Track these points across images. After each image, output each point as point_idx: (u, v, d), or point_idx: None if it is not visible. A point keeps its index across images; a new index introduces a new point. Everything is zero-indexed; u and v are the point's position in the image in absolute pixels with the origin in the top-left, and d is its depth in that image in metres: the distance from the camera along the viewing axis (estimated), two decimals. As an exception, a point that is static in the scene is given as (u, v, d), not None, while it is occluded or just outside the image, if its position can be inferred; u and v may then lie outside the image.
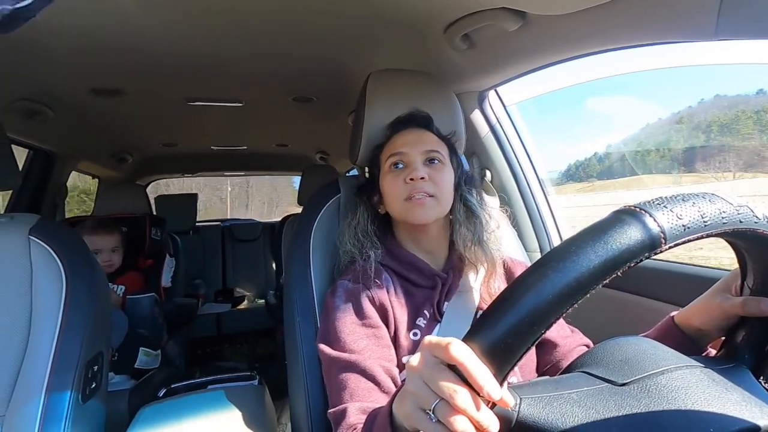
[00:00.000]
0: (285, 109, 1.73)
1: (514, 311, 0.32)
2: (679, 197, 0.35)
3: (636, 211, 0.34)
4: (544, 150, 1.44)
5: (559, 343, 0.73)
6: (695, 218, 0.34)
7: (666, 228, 0.33)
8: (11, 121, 1.41)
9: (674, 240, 0.33)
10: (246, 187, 14.61)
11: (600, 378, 0.41)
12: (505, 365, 0.33)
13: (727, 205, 0.35)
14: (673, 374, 0.39)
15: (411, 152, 0.73)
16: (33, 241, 0.80)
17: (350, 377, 0.62)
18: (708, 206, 0.34)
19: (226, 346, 2.84)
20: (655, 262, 1.00)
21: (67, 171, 2.08)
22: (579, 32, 0.82)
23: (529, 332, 0.32)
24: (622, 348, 0.43)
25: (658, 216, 0.33)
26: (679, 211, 0.34)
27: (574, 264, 0.32)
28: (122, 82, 1.30)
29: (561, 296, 0.32)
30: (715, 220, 0.34)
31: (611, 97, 9.37)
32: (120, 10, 0.84)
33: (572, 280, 0.32)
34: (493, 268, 0.74)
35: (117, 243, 1.65)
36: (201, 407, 0.86)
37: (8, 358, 0.75)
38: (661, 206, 0.34)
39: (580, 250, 0.32)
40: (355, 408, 0.59)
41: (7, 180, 0.83)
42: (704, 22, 0.62)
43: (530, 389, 0.40)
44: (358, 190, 0.83)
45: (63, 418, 0.74)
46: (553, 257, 0.33)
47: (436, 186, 0.71)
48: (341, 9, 0.88)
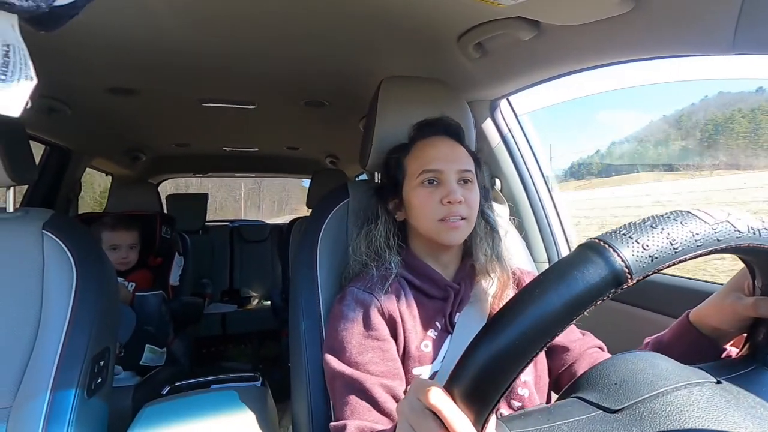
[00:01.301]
0: (297, 113, 1.75)
1: (485, 357, 0.32)
2: (648, 223, 0.33)
3: (599, 246, 0.32)
4: (545, 150, 1.42)
5: (570, 346, 0.72)
6: (663, 246, 0.32)
7: (630, 262, 0.31)
8: (30, 117, 1.44)
9: (641, 273, 0.31)
10: (258, 188, 15.18)
11: (593, 404, 0.40)
12: (484, 409, 0.33)
13: (701, 225, 0.33)
14: (668, 397, 0.38)
15: (446, 170, 0.71)
16: (46, 235, 0.81)
17: (351, 395, 0.62)
18: (677, 230, 0.32)
19: (231, 346, 2.85)
20: (664, 277, 0.98)
21: (82, 167, 2.12)
22: (593, 43, 0.82)
23: (501, 377, 0.32)
24: (619, 368, 0.43)
25: (623, 250, 0.31)
26: (645, 241, 0.32)
27: (538, 309, 0.32)
28: (139, 82, 1.33)
29: (528, 340, 0.31)
30: (686, 244, 0.32)
31: (614, 98, 9.39)
32: (145, 11, 0.85)
33: (539, 324, 0.31)
34: (507, 281, 0.74)
35: (135, 240, 1.67)
36: (204, 406, 0.86)
37: (17, 350, 0.76)
38: (626, 237, 0.32)
39: (544, 293, 0.32)
40: (354, 426, 0.60)
41: (24, 174, 0.85)
42: (722, 36, 0.62)
43: (522, 422, 0.39)
44: (378, 194, 0.81)
45: (68, 411, 0.75)
46: (519, 300, 0.33)
47: (469, 208, 0.71)
48: (356, 15, 0.89)
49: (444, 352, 0.68)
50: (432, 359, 0.68)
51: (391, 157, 0.80)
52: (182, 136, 2.29)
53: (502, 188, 1.33)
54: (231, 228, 3.20)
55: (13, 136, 0.82)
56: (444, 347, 0.69)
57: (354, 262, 0.77)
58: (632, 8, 0.68)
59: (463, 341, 0.68)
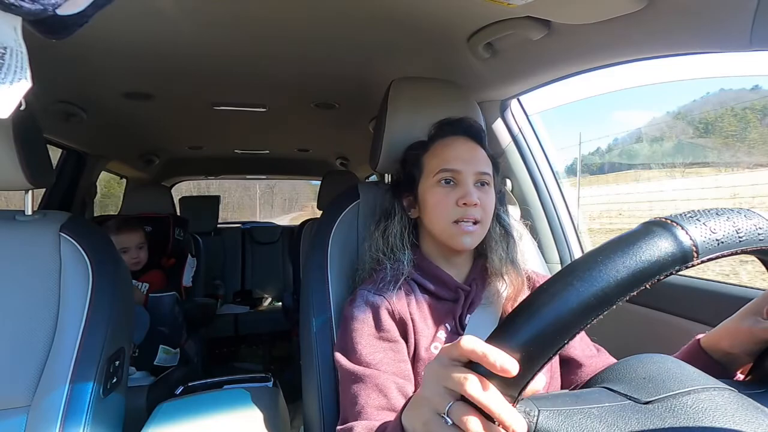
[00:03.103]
0: (307, 115, 1.76)
1: (538, 319, 0.32)
2: (713, 211, 0.34)
3: (667, 223, 0.33)
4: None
5: (584, 362, 0.71)
6: (730, 233, 0.33)
7: (699, 241, 0.32)
8: (48, 122, 1.47)
9: (707, 254, 0.32)
10: (271, 190, 16.50)
11: (622, 395, 0.39)
12: (525, 374, 0.32)
13: (764, 222, 0.34)
14: (700, 395, 0.37)
15: (464, 171, 0.70)
16: (63, 237, 0.83)
17: (362, 394, 0.62)
18: (744, 222, 0.33)
19: (243, 347, 2.87)
20: (682, 279, 0.97)
21: (97, 171, 2.16)
22: (605, 42, 0.81)
23: (551, 342, 0.31)
24: (645, 365, 0.42)
25: (691, 229, 0.32)
26: (713, 225, 0.33)
27: (601, 274, 0.31)
28: (153, 86, 1.35)
29: (586, 307, 0.31)
30: (752, 236, 0.33)
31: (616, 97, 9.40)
32: (160, 16, 0.87)
33: (598, 291, 0.31)
34: (522, 285, 0.73)
35: (142, 239, 1.69)
36: (216, 406, 0.87)
37: (35, 350, 0.78)
38: (694, 219, 0.33)
39: (608, 260, 0.32)
40: (362, 427, 0.59)
41: (42, 178, 0.87)
42: (738, 32, 0.60)
43: (549, 401, 0.38)
44: (394, 190, 0.80)
45: (85, 410, 0.76)
46: (579, 266, 0.32)
47: (484, 211, 0.70)
48: (366, 17, 0.90)
49: None
50: None
51: (409, 153, 0.80)
52: (195, 139, 2.32)
53: (513, 189, 1.32)
54: (243, 230, 3.23)
55: (31, 141, 0.84)
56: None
57: (370, 258, 0.77)
58: (645, 5, 0.67)
59: None
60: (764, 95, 2.88)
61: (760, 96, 3.91)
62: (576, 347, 0.72)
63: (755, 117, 3.69)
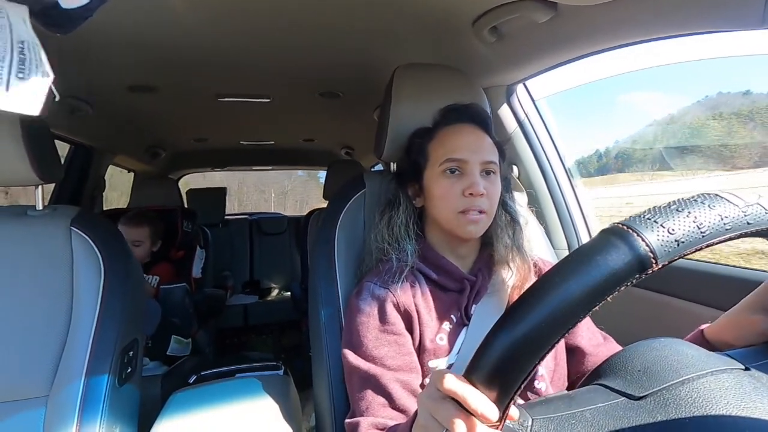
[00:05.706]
0: (312, 105, 1.75)
1: (505, 344, 0.32)
2: (674, 206, 0.32)
3: (623, 231, 0.31)
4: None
5: (590, 351, 0.71)
6: (690, 230, 0.31)
7: (656, 246, 0.30)
8: (54, 117, 1.48)
9: (667, 257, 0.30)
10: (284, 194, 18.63)
11: (616, 391, 0.39)
12: (504, 396, 0.33)
13: (730, 208, 0.32)
14: (695, 383, 0.37)
15: (471, 160, 0.69)
16: (74, 231, 0.84)
17: (367, 389, 0.63)
18: (705, 214, 0.31)
19: (253, 337, 2.91)
20: (688, 262, 0.96)
21: (105, 165, 2.18)
22: (613, 22, 0.79)
23: (522, 364, 0.32)
24: (644, 355, 0.42)
25: (647, 234, 0.31)
26: (671, 225, 0.31)
27: (559, 295, 0.31)
28: (158, 79, 1.35)
29: (550, 327, 0.31)
30: (715, 228, 0.31)
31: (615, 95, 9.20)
32: (163, 8, 0.86)
33: (560, 311, 0.31)
34: (528, 272, 0.72)
35: (146, 234, 1.70)
36: (229, 394, 0.88)
37: (51, 343, 0.79)
38: (651, 221, 0.31)
39: (565, 280, 0.31)
40: (368, 423, 0.60)
41: (51, 173, 0.88)
42: (751, 10, 0.59)
43: (543, 408, 0.39)
44: (398, 179, 0.79)
45: (101, 399, 0.78)
46: (539, 287, 0.33)
47: (490, 201, 0.70)
48: (369, 3, 0.88)
49: (459, 344, 0.68)
50: (447, 352, 0.68)
51: (414, 141, 0.79)
52: (200, 132, 2.32)
53: (520, 175, 1.31)
54: (250, 221, 3.25)
55: (39, 137, 0.85)
56: (459, 339, 0.68)
57: (375, 249, 0.76)
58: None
59: (479, 333, 0.67)
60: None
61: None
62: (582, 336, 0.72)
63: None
